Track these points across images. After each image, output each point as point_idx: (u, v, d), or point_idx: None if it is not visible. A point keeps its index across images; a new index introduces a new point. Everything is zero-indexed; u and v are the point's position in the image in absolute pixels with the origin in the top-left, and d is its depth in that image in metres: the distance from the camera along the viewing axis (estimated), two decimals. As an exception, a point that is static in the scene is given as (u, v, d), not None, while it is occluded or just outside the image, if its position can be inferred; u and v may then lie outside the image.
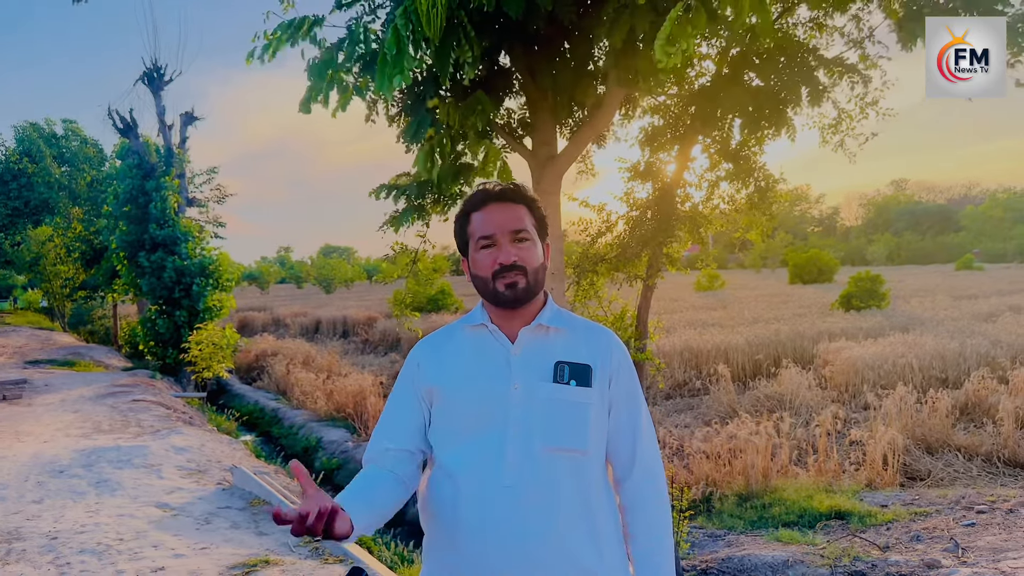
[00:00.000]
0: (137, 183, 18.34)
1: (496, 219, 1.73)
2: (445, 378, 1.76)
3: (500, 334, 1.76)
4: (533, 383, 1.70)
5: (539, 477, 1.65)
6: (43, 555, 4.90)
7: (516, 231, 1.72)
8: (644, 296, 8.02)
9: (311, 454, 11.53)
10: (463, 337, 1.80)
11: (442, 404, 1.75)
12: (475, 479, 1.66)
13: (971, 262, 52.67)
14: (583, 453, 1.69)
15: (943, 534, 5.58)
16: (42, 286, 30.73)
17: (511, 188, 1.77)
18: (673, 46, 3.29)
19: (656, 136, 7.83)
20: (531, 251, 1.73)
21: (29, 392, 12.62)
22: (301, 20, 4.33)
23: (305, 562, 4.85)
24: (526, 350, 1.74)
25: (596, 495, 1.72)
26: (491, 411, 1.69)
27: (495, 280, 1.71)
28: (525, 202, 1.77)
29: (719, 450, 7.85)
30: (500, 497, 1.64)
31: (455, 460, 1.71)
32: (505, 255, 1.70)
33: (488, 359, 1.74)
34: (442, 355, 1.80)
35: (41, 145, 34.39)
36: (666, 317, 19.72)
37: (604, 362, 1.75)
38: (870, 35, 7.22)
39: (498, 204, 1.75)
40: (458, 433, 1.72)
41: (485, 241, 1.73)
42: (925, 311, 19.77)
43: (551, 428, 1.67)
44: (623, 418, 1.78)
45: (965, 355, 12.10)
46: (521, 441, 1.66)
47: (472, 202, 1.79)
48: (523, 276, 1.70)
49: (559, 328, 1.77)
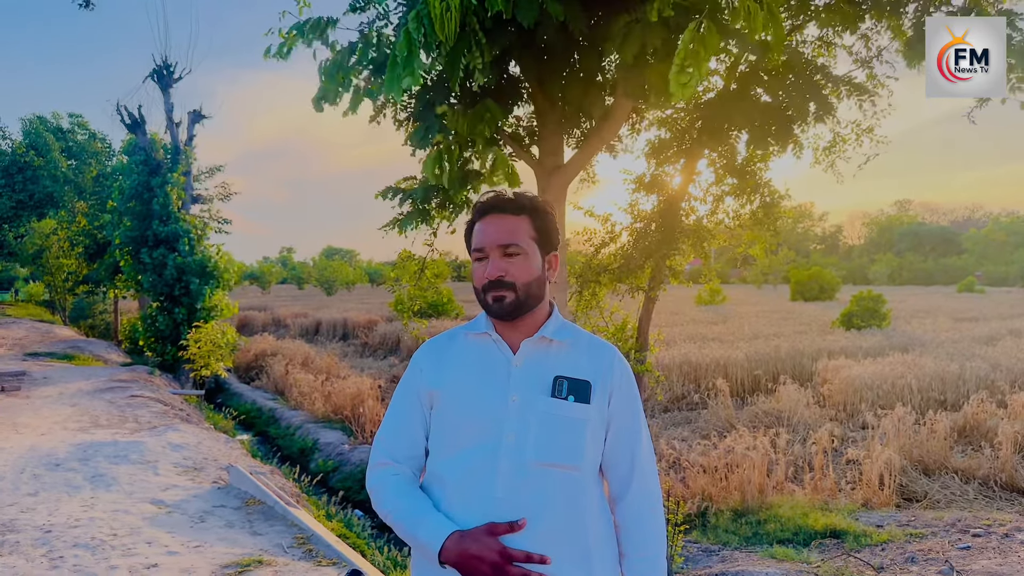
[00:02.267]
0: (143, 179, 18.37)
1: (488, 232, 1.71)
2: (445, 383, 1.75)
3: (503, 343, 1.74)
4: (531, 396, 1.69)
5: (530, 491, 1.63)
6: (36, 548, 4.90)
7: (505, 245, 1.70)
8: (646, 308, 8.03)
9: (307, 455, 11.51)
10: (466, 344, 1.79)
11: (440, 409, 1.75)
12: (467, 488, 1.66)
13: (973, 285, 52.64)
14: (575, 469, 1.68)
15: (938, 556, 5.57)
16: (44, 279, 30.77)
17: (509, 199, 1.74)
18: (686, 74, 3.31)
19: (662, 148, 7.86)
20: (521, 266, 1.70)
21: (28, 384, 12.62)
22: (316, 21, 4.36)
23: (298, 563, 4.84)
24: (527, 362, 1.72)
25: (590, 512, 1.70)
26: (487, 421, 1.68)
27: (485, 293, 1.71)
28: (527, 212, 1.74)
29: (716, 464, 7.83)
30: (491, 508, 1.63)
31: (448, 468, 1.70)
32: (491, 270, 1.69)
33: (489, 368, 1.73)
34: (444, 359, 1.79)
35: (48, 138, 34.45)
36: (666, 330, 19.70)
37: (605, 378, 1.73)
38: (878, 55, 7.26)
39: (494, 216, 1.73)
40: (453, 441, 1.71)
41: (477, 254, 1.73)
42: (926, 332, 19.74)
43: (545, 443, 1.66)
44: (622, 436, 1.76)
45: (965, 378, 12.08)
46: (514, 454, 1.65)
47: (476, 211, 1.78)
48: (511, 291, 1.68)
49: (562, 341, 1.75)
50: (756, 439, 8.02)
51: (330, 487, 9.79)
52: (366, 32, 4.54)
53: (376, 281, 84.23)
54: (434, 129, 5.00)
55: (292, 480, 8.64)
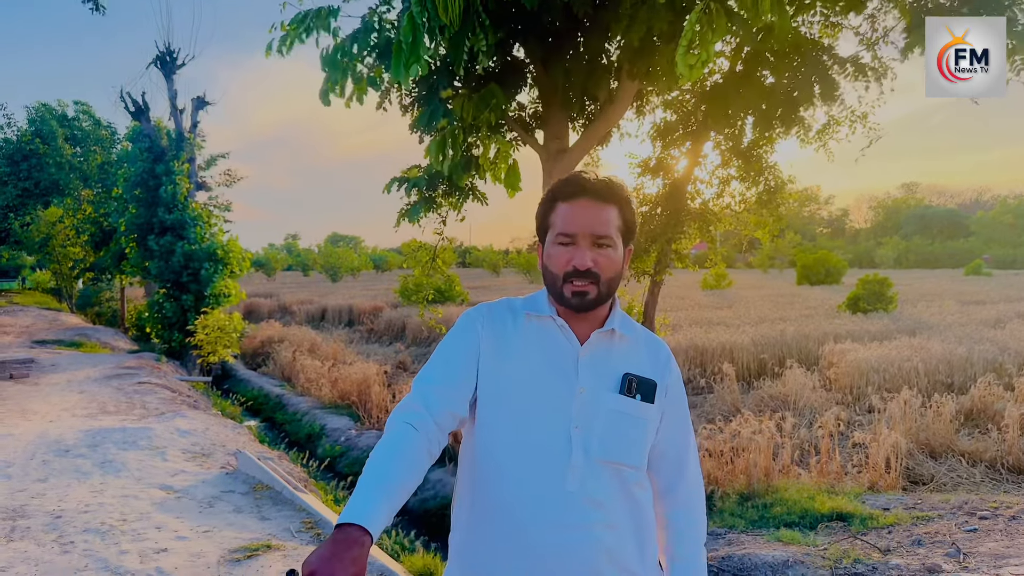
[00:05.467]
0: (148, 166, 18.37)
1: (582, 218, 1.61)
2: (509, 360, 1.67)
3: (569, 331, 1.67)
4: (599, 391, 1.64)
5: (598, 486, 1.60)
6: (47, 533, 4.94)
7: (599, 236, 1.61)
8: (651, 292, 8.01)
9: (315, 441, 11.57)
10: (527, 324, 1.70)
11: (499, 387, 1.66)
12: (535, 481, 1.60)
13: (980, 268, 52.38)
14: (635, 469, 1.66)
15: (945, 539, 5.57)
16: (51, 267, 30.87)
17: (607, 185, 1.64)
18: (693, 55, 3.27)
19: (668, 131, 7.81)
20: (610, 259, 1.62)
21: (36, 371, 12.69)
22: (317, 10, 4.33)
23: (307, 547, 4.87)
24: (593, 354, 1.67)
25: (643, 507, 1.69)
26: (554, 412, 1.62)
27: (565, 282, 1.62)
28: (618, 203, 1.65)
29: (722, 448, 7.84)
30: (562, 502, 1.58)
31: (509, 455, 1.63)
32: (581, 259, 1.60)
33: (555, 356, 1.66)
34: (506, 333, 1.70)
35: (54, 125, 34.48)
36: (672, 315, 19.67)
37: (664, 377, 1.71)
38: (884, 35, 7.18)
39: (589, 201, 1.62)
40: (513, 425, 1.63)
41: (565, 238, 1.62)
42: (932, 315, 19.68)
43: (611, 440, 1.62)
44: (673, 432, 1.74)
45: (972, 360, 12.04)
46: (581, 448, 1.61)
47: (563, 190, 1.66)
48: (595, 285, 1.61)
49: (624, 335, 1.71)
50: (762, 423, 8.02)
51: (338, 472, 9.84)
52: (367, 18, 4.52)
53: (381, 268, 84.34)
54: (439, 113, 4.98)
55: (300, 465, 8.69)
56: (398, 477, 1.43)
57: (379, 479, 1.41)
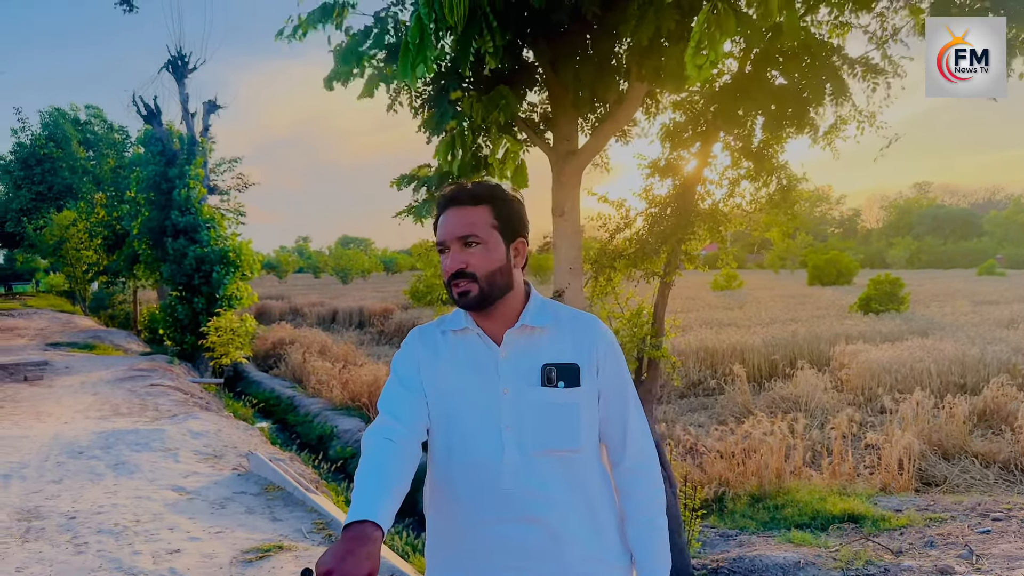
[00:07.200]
0: (160, 170, 18.50)
1: (449, 226, 1.71)
2: (440, 378, 1.75)
3: (486, 337, 1.75)
4: (521, 387, 1.70)
5: (536, 478, 1.68)
6: (61, 534, 4.98)
7: (463, 237, 1.69)
8: (661, 293, 7.97)
9: (326, 442, 11.61)
10: (453, 339, 1.78)
11: (436, 406, 1.75)
12: (475, 483, 1.70)
13: (993, 267, 51.95)
14: (576, 451, 1.72)
15: (957, 541, 5.54)
16: (64, 270, 31.10)
17: (466, 190, 1.73)
18: (702, 56, 3.27)
19: (678, 132, 7.78)
20: (481, 256, 1.69)
21: (50, 374, 12.79)
22: (333, 4, 4.36)
23: (318, 548, 4.89)
24: (512, 352, 1.73)
25: (595, 486, 1.75)
26: (484, 416, 1.70)
27: (449, 286, 1.72)
28: (485, 201, 1.72)
29: (733, 450, 7.82)
30: (501, 500, 1.68)
31: (454, 467, 1.73)
32: (451, 262, 1.69)
33: (477, 364, 1.74)
34: (437, 352, 1.79)
35: (68, 129, 34.75)
36: (682, 316, 19.63)
37: (590, 355, 1.74)
38: (894, 34, 7.14)
39: (455, 208, 1.72)
40: (455, 437, 1.73)
41: (440, 247, 1.73)
42: (945, 316, 19.56)
43: (541, 432, 1.69)
44: (612, 405, 1.78)
45: (985, 361, 11.96)
46: (515, 445, 1.68)
47: (438, 207, 1.78)
48: (475, 282, 1.68)
49: (544, 327, 1.75)
50: (773, 424, 8.00)
51: (348, 473, 9.87)
52: (380, 17, 4.53)
53: (391, 270, 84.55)
54: (448, 115, 4.99)
55: (311, 467, 8.72)
56: (392, 479, 1.52)
57: (375, 481, 1.49)
